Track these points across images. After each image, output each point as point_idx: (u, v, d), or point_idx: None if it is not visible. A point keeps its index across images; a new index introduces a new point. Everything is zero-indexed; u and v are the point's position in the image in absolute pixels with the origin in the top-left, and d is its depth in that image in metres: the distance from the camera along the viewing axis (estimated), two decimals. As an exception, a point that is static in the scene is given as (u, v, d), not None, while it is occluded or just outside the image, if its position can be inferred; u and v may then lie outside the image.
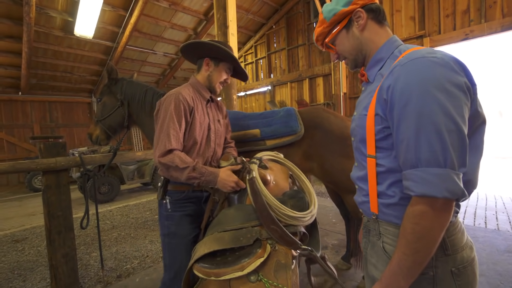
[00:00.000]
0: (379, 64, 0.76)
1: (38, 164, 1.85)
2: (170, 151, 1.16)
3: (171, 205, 1.29)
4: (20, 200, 5.98)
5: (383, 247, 0.73)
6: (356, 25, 0.78)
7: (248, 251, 0.93)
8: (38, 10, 5.27)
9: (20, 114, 8.13)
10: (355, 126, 0.79)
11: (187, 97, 1.26)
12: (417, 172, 0.58)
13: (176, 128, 1.19)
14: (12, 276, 2.49)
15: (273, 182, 1.16)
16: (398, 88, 0.61)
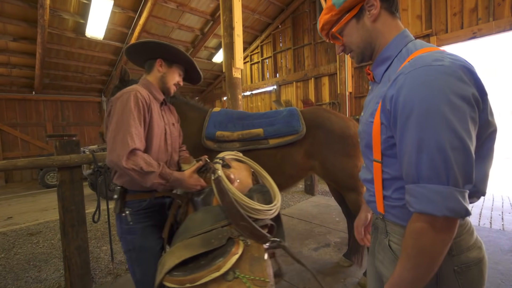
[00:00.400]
0: (386, 63, 0.71)
1: (54, 160, 1.96)
2: (133, 152, 1.03)
3: (132, 217, 1.16)
4: (34, 196, 6.21)
5: (389, 245, 0.73)
6: (368, 15, 0.70)
7: (222, 251, 0.92)
8: (51, 13, 5.46)
9: (34, 113, 8.41)
10: (362, 130, 0.77)
11: (144, 96, 1.17)
12: (417, 188, 0.56)
13: (138, 126, 1.08)
14: (28, 267, 2.63)
15: (237, 180, 1.16)
16: (401, 100, 0.57)
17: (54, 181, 7.11)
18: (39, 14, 5.20)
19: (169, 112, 1.41)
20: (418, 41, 0.68)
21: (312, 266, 2.36)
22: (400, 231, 0.70)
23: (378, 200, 0.74)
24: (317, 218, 3.62)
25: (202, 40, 7.79)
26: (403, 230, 0.67)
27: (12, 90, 7.93)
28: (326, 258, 2.52)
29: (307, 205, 4.29)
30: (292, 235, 3.07)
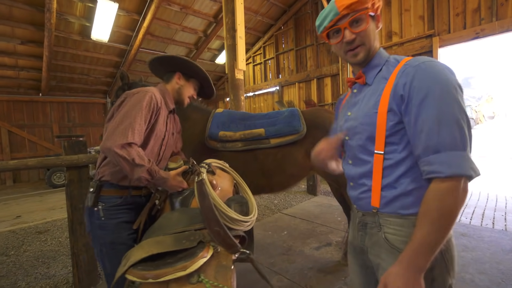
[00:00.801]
0: (376, 68, 0.81)
1: (63, 160, 2.03)
2: (130, 144, 1.05)
3: (104, 213, 1.16)
4: (41, 196, 6.33)
5: (385, 237, 0.77)
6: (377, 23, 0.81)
7: (191, 252, 0.91)
8: (58, 16, 5.58)
9: (41, 114, 8.57)
10: (359, 124, 0.81)
11: (158, 99, 1.23)
12: (442, 156, 0.63)
13: (142, 124, 1.12)
14: (37, 263, 2.71)
15: (219, 188, 1.18)
16: (416, 85, 0.67)
17: (60, 181, 7.23)
18: (46, 18, 5.32)
19: (174, 122, 1.46)
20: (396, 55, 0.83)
21: (313, 265, 2.40)
22: (396, 222, 0.75)
23: (375, 193, 0.78)
24: (319, 218, 3.65)
25: (205, 42, 7.87)
26: (399, 220, 0.74)
27: (20, 92, 8.09)
28: (327, 257, 2.55)
29: (309, 205, 4.32)
30: (294, 235, 3.10)
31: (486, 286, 1.97)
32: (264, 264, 2.45)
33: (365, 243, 0.86)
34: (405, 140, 0.73)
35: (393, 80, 0.74)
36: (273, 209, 4.19)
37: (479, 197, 4.31)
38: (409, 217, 0.74)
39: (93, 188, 1.19)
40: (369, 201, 0.80)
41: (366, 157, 0.80)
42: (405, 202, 0.73)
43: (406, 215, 0.74)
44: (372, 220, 0.82)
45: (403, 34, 5.44)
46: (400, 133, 0.73)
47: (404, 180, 0.73)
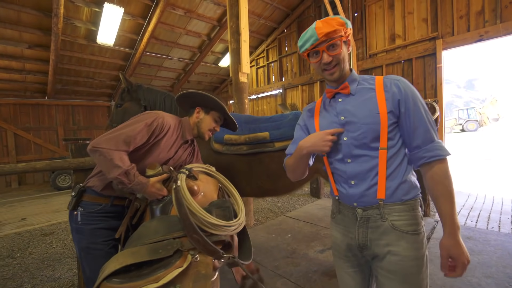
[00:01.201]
0: (355, 82, 0.99)
1: (70, 163, 2.06)
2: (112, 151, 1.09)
3: (81, 217, 1.20)
4: (46, 198, 6.38)
5: (392, 224, 0.90)
6: (348, 47, 0.98)
7: (166, 262, 0.89)
8: (65, 21, 5.67)
9: (46, 117, 8.68)
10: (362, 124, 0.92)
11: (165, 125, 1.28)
12: (437, 144, 0.88)
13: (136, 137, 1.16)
14: (43, 266, 2.73)
15: (201, 193, 1.16)
16: (408, 92, 0.90)
17: (65, 184, 7.30)
18: (53, 22, 5.41)
19: (190, 154, 1.51)
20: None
21: (318, 268, 2.39)
22: (399, 208, 0.91)
23: (380, 185, 0.90)
24: (323, 221, 3.64)
25: (209, 45, 7.94)
26: (402, 206, 0.91)
27: (26, 95, 8.21)
28: (332, 260, 2.53)
29: (313, 208, 4.31)
30: (298, 238, 3.10)
31: (493, 291, 1.95)
32: (268, 267, 2.44)
33: (367, 237, 0.93)
34: (397, 136, 0.92)
35: (382, 89, 0.93)
36: (276, 212, 4.19)
37: (485, 200, 4.27)
38: (408, 202, 0.91)
39: (75, 192, 1.23)
40: (375, 195, 0.90)
41: (371, 153, 0.91)
42: (405, 189, 0.90)
43: (406, 200, 0.90)
44: (376, 212, 0.92)
45: (406, 37, 5.44)
46: (395, 130, 0.92)
47: (401, 169, 0.91)
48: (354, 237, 0.96)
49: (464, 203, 4.18)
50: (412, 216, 0.90)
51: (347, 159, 0.95)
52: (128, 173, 1.09)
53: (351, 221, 0.97)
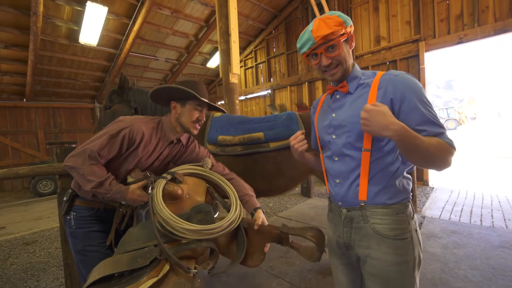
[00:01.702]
0: (355, 80, 0.95)
1: (55, 168, 1.97)
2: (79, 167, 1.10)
3: (75, 222, 1.21)
4: (26, 205, 6.08)
5: (373, 227, 0.87)
6: (350, 44, 0.94)
7: (143, 272, 0.89)
8: (44, 20, 5.43)
9: (25, 120, 8.27)
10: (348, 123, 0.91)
11: (136, 134, 1.20)
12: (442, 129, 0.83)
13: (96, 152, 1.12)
14: (26, 276, 2.60)
15: (186, 196, 1.14)
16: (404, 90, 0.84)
17: (47, 190, 6.98)
18: (32, 21, 5.17)
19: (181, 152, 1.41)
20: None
21: (312, 267, 2.41)
22: (381, 211, 0.87)
23: (362, 187, 0.88)
24: (314, 220, 3.68)
25: (196, 46, 7.86)
26: (384, 209, 0.86)
27: (3, 97, 7.78)
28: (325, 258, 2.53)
29: (304, 207, 4.34)
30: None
31: (478, 281, 2.04)
32: (263, 267, 2.44)
33: (351, 238, 0.93)
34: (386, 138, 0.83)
35: (376, 87, 0.88)
36: (268, 212, 4.19)
37: (466, 195, 4.47)
38: (393, 205, 0.87)
39: (66, 197, 1.24)
40: (357, 195, 0.89)
41: (355, 154, 0.90)
42: (390, 193, 0.86)
43: (390, 204, 0.86)
44: (359, 214, 0.90)
45: (391, 39, 5.61)
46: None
47: (386, 173, 0.86)
48: (340, 236, 0.97)
49: (447, 198, 4.36)
50: (396, 221, 0.86)
51: (334, 157, 0.96)
52: (102, 184, 1.09)
53: (338, 220, 0.98)
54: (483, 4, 4.50)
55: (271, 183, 1.90)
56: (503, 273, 2.13)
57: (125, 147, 1.19)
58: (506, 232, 2.90)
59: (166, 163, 1.41)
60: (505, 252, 2.45)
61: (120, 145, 1.17)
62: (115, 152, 1.17)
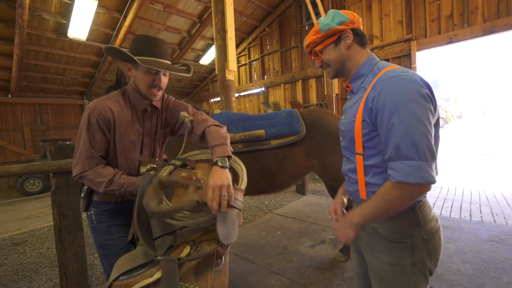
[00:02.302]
0: (361, 78, 0.92)
1: (50, 165, 1.91)
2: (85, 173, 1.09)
3: (95, 217, 1.21)
4: (13, 204, 5.88)
5: (372, 226, 0.90)
6: (343, 43, 0.92)
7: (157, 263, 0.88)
8: (31, 13, 5.22)
9: (10, 117, 7.97)
10: (345, 129, 0.95)
11: (104, 113, 1.12)
12: (397, 164, 0.75)
13: (89, 150, 1.10)
14: (17, 277, 2.52)
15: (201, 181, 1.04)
16: (381, 100, 0.77)
17: (34, 188, 6.77)
18: (17, 14, 4.96)
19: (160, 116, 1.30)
20: (383, 62, 0.93)
21: (310, 263, 2.44)
22: None
23: (361, 187, 0.91)
24: (310, 217, 3.71)
25: (189, 42, 7.74)
26: None
27: (-14, 93, 7.48)
28: (322, 254, 2.60)
29: (300, 204, 4.38)
30: (288, 234, 3.14)
31: (471, 274, 2.11)
32: (261, 265, 2.45)
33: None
34: (379, 146, 0.83)
35: (368, 91, 0.85)
36: (264, 210, 4.20)
37: (455, 191, 4.62)
38: None
39: (83, 193, 1.21)
40: (358, 194, 0.93)
41: (352, 157, 0.94)
42: None
43: None
44: None
45: (383, 38, 5.69)
46: (375, 140, 0.84)
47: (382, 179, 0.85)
48: None
49: (438, 194, 4.48)
50: (393, 224, 0.85)
51: (344, 157, 1.02)
52: (112, 181, 1.09)
53: None
54: (472, 5, 4.62)
55: (273, 180, 1.90)
56: (493, 266, 2.21)
57: (106, 130, 1.13)
58: (495, 226, 3.02)
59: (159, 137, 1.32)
60: (495, 246, 2.54)
61: (101, 130, 1.12)
62: (103, 139, 1.13)
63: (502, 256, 2.35)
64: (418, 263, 0.84)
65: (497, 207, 3.70)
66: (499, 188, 4.70)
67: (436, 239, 0.85)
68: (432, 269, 0.86)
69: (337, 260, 2.43)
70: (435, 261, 0.86)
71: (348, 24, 0.90)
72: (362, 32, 0.94)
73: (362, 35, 0.93)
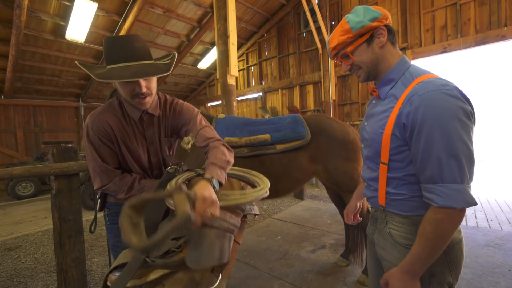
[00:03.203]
0: (390, 83, 0.85)
1: (52, 168, 1.88)
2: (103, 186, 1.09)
3: (108, 218, 1.21)
4: (4, 208, 5.72)
5: (389, 232, 0.88)
6: (377, 41, 0.83)
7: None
8: (29, 13, 5.18)
9: (2, 118, 7.81)
10: (369, 138, 0.89)
11: (102, 127, 1.07)
12: (439, 188, 0.70)
13: (102, 165, 1.07)
14: (12, 284, 2.44)
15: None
16: (419, 117, 0.71)
17: (26, 192, 6.61)
18: (15, 14, 4.91)
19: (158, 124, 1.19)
20: (415, 66, 0.84)
21: (312, 268, 2.44)
22: (398, 219, 0.85)
23: (381, 194, 0.88)
24: (309, 222, 3.72)
25: (188, 47, 7.77)
26: (401, 218, 0.85)
27: (-22, 93, 7.34)
28: (324, 259, 2.61)
29: (298, 209, 4.39)
30: (288, 239, 3.14)
31: (470, 279, 2.15)
32: (263, 270, 2.44)
33: (374, 236, 0.97)
34: (408, 160, 0.79)
35: (401, 103, 0.78)
36: (263, 215, 4.20)
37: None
38: (410, 217, 0.83)
39: (98, 194, 1.25)
40: (377, 200, 0.90)
41: (375, 166, 0.90)
42: (406, 207, 0.83)
43: (408, 215, 0.83)
44: (381, 216, 0.92)
45: (379, 46, 5.82)
46: (403, 154, 0.79)
47: (406, 189, 0.82)
48: (368, 231, 1.04)
49: (433, 200, 4.55)
50: (411, 231, 0.82)
51: (365, 164, 0.99)
52: (132, 186, 1.10)
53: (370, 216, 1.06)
54: (465, 16, 4.79)
55: (277, 185, 1.91)
56: (491, 270, 2.25)
57: (110, 143, 1.10)
58: (490, 231, 3.08)
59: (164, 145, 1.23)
60: (491, 251, 2.59)
61: (105, 145, 1.09)
62: (111, 152, 1.11)
63: (499, 261, 2.40)
64: (436, 274, 0.80)
65: (491, 212, 3.77)
66: (492, 194, 4.80)
67: (457, 251, 0.80)
68: (452, 282, 0.81)
69: (339, 265, 2.44)
70: (456, 274, 0.81)
71: (382, 20, 0.81)
72: (393, 29, 0.86)
73: (394, 32, 0.85)
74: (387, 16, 0.82)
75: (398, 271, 0.77)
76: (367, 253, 1.10)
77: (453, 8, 4.90)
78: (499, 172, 7.09)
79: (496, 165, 8.55)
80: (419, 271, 0.75)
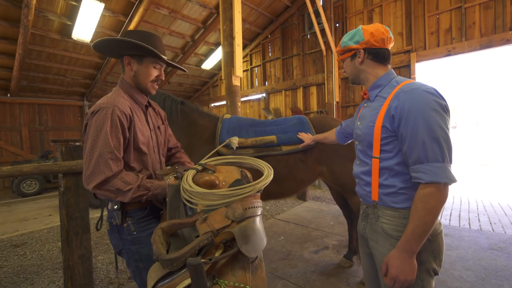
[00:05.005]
0: (378, 88, 1.03)
1: (60, 166, 1.92)
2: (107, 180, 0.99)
3: (135, 227, 1.11)
4: (8, 206, 5.78)
5: (381, 226, 0.97)
6: (357, 59, 1.06)
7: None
8: (36, 13, 5.24)
9: (8, 116, 7.89)
10: (361, 133, 1.03)
11: (125, 110, 1.07)
12: (425, 166, 0.83)
13: (113, 151, 1.01)
14: (18, 280, 2.48)
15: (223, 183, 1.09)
16: (406, 109, 0.86)
17: (31, 190, 6.68)
18: (23, 14, 4.97)
19: (154, 114, 1.31)
20: (400, 76, 1.04)
21: (315, 268, 2.45)
22: (390, 213, 0.96)
23: (374, 188, 0.99)
24: (312, 223, 3.74)
25: (193, 47, 7.82)
26: (393, 212, 0.95)
27: (-16, 91, 7.42)
28: (327, 260, 2.62)
29: (301, 210, 4.40)
30: (291, 240, 3.15)
31: (473, 281, 2.15)
32: (266, 269, 2.46)
33: (366, 231, 1.06)
34: (396, 150, 0.93)
35: (389, 100, 0.94)
36: (266, 215, 4.21)
37: (453, 200, 4.69)
38: (400, 210, 0.94)
39: (117, 205, 1.11)
40: (370, 195, 1.01)
41: (367, 160, 1.02)
42: (397, 198, 0.94)
43: (397, 208, 0.94)
44: (372, 211, 1.02)
45: (384, 49, 5.82)
46: (392, 144, 0.93)
47: (396, 181, 0.93)
48: (359, 228, 1.13)
49: (436, 203, 4.55)
50: (402, 224, 0.92)
51: (357, 161, 1.11)
52: (140, 186, 1.03)
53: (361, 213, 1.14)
54: (470, 20, 4.78)
55: (282, 186, 1.93)
56: (494, 273, 2.26)
57: (126, 130, 1.07)
58: (493, 235, 3.07)
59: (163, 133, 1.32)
60: (495, 254, 2.60)
61: (122, 131, 1.05)
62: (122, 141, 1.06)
63: (502, 264, 2.40)
64: (424, 262, 0.91)
65: (494, 216, 3.77)
66: (496, 198, 4.79)
67: (439, 240, 0.93)
68: (436, 269, 0.93)
69: (342, 265, 2.46)
70: (439, 261, 0.93)
71: (362, 44, 1.02)
72: (377, 50, 1.02)
73: (377, 53, 1.03)
74: (369, 42, 1.01)
75: (396, 251, 0.87)
76: (360, 251, 1.18)
77: (458, 11, 4.90)
78: (502, 176, 7.05)
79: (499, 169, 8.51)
80: (415, 248, 0.85)
